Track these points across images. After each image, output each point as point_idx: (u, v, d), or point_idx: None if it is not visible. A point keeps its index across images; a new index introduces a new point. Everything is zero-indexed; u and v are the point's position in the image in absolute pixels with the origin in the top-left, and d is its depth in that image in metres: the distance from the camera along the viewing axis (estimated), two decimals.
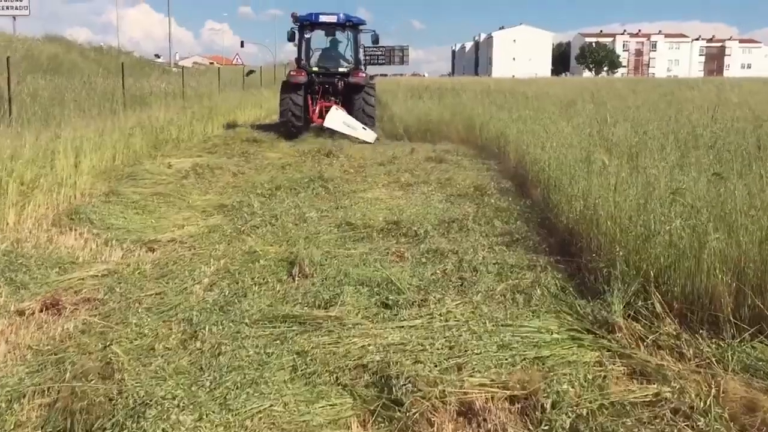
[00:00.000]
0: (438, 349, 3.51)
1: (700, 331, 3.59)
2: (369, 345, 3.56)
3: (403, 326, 3.84)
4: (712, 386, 3.07)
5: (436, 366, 3.32)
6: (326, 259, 5.20)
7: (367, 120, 14.10)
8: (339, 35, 15.72)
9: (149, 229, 6.30)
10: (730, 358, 3.32)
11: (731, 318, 3.58)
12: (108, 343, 3.63)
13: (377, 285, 4.49)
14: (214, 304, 4.29)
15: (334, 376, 3.28)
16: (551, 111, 12.83)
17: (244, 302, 4.30)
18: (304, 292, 4.47)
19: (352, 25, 14.90)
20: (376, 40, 15.87)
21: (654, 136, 7.69)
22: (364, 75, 14.68)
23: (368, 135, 13.65)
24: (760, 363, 3.26)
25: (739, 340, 3.45)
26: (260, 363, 3.40)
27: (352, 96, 14.35)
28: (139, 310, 4.18)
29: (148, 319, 4.01)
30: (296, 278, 4.80)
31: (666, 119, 9.67)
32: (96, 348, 3.58)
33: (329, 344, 3.62)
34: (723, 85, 26.51)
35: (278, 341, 3.70)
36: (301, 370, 3.34)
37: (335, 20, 14.66)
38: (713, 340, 3.53)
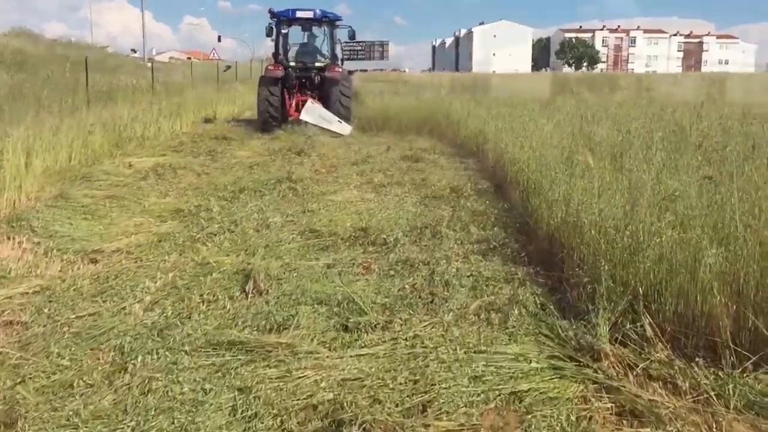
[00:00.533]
0: (401, 384, 3.06)
1: (696, 359, 3.17)
2: (322, 380, 3.10)
3: (363, 354, 3.39)
4: (714, 428, 2.67)
5: (397, 406, 2.87)
6: (285, 272, 4.74)
7: (344, 113, 14.19)
8: (316, 30, 15.96)
9: (95, 237, 5.76)
10: (731, 392, 2.90)
11: (730, 344, 3.17)
12: (20, 380, 3.14)
13: (337, 304, 4.03)
14: (153, 327, 3.81)
15: (279, 419, 2.81)
16: (531, 108, 12.45)
17: (187, 325, 3.83)
18: (256, 312, 4.00)
19: (329, 20, 15.28)
20: (352, 35, 16.27)
21: (638, 135, 7.30)
22: (340, 70, 15.00)
23: (344, 128, 13.76)
24: (767, 399, 2.85)
25: (740, 370, 3.04)
26: (195, 403, 2.94)
27: (329, 90, 14.46)
28: (66, 336, 3.68)
29: (74, 348, 3.52)
30: (249, 295, 4.33)
31: (650, 117, 9.30)
32: (4, 386, 3.09)
33: (276, 378, 3.15)
34: (703, 80, 26.41)
35: (219, 374, 3.24)
36: (241, 412, 2.87)
37: (312, 16, 14.96)
38: (711, 370, 3.11)
